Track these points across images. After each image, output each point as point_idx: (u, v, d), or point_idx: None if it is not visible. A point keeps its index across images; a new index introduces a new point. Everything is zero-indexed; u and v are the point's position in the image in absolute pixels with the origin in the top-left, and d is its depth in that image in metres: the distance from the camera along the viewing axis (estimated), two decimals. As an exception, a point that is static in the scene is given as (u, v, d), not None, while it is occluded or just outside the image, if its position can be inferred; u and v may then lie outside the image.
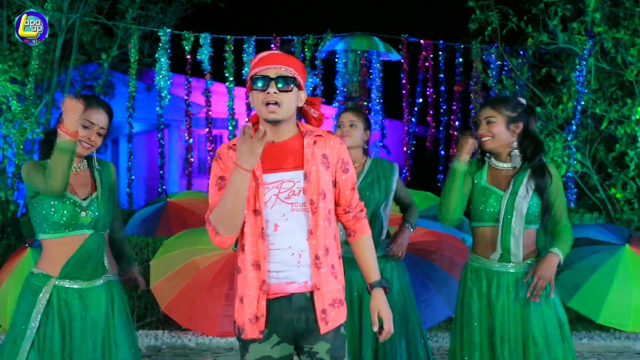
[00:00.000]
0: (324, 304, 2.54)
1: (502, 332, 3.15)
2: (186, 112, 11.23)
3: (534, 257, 3.25)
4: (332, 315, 2.56)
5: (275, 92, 2.51)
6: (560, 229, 3.29)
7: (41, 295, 3.00)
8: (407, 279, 4.04)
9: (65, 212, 3.00)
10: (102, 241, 3.08)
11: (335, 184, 2.65)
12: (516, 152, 3.25)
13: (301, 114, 2.72)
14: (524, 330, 3.14)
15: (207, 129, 11.49)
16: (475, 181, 3.28)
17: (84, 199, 3.06)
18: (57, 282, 3.02)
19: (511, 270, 3.20)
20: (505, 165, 3.28)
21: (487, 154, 3.34)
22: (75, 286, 3.03)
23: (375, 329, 2.62)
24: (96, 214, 3.05)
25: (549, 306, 3.19)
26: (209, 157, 11.63)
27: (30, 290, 3.04)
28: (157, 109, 10.90)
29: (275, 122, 2.55)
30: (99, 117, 3.09)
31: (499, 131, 3.23)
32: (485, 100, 3.50)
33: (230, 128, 11.18)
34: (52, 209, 3.00)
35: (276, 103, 2.51)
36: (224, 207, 2.45)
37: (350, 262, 3.86)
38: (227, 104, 11.13)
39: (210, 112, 11.37)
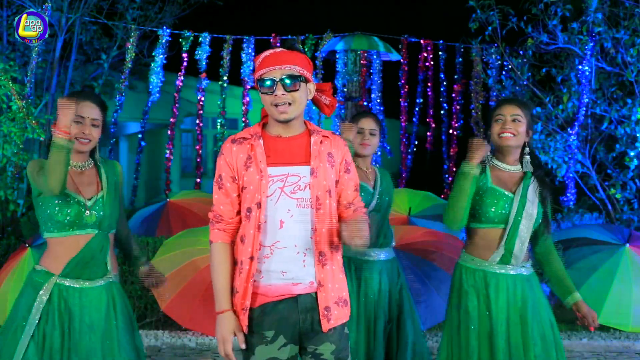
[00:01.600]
0: (327, 302, 2.53)
1: (504, 334, 3.13)
2: (174, 109, 11.32)
3: (527, 260, 3.26)
4: (336, 313, 2.55)
5: (283, 94, 2.51)
6: (550, 248, 3.32)
7: (42, 292, 3.01)
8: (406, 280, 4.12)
9: (69, 212, 3.00)
10: (106, 241, 3.07)
11: (337, 183, 2.65)
12: (527, 157, 3.26)
13: (314, 102, 2.72)
14: (523, 332, 3.13)
15: (197, 129, 11.53)
16: (481, 183, 3.24)
17: (89, 199, 3.05)
18: (58, 280, 3.02)
19: (510, 272, 3.19)
20: (510, 167, 3.26)
21: (490, 155, 3.31)
22: (76, 285, 3.02)
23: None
24: (101, 213, 3.04)
25: (543, 309, 3.21)
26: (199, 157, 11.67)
27: (31, 286, 3.04)
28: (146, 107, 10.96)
29: (285, 122, 2.56)
30: (89, 110, 3.08)
31: (522, 131, 3.22)
32: (505, 99, 3.44)
33: (218, 126, 11.21)
34: (57, 208, 3.00)
35: (285, 104, 2.52)
36: (212, 278, 2.63)
37: (367, 264, 3.91)
38: (218, 103, 11.16)
39: (202, 112, 11.40)
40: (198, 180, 11.46)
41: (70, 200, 3.02)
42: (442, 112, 11.68)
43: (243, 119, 11.39)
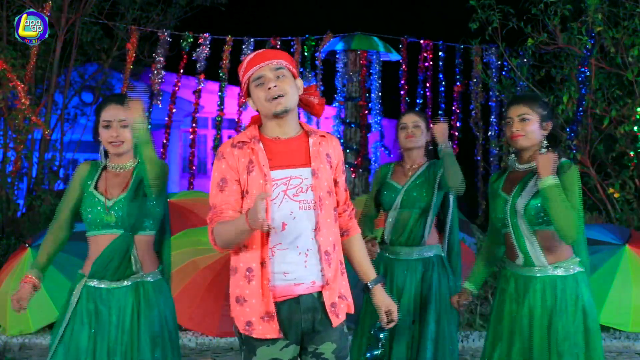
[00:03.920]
0: (333, 298, 2.54)
1: (525, 336, 3.08)
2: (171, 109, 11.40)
3: (565, 260, 3.11)
4: (342, 307, 2.58)
5: (275, 86, 2.55)
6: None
7: (74, 293, 3.07)
8: (447, 282, 3.96)
9: (91, 211, 3.06)
10: (130, 242, 3.06)
11: (335, 183, 2.67)
12: (544, 151, 3.11)
13: (303, 102, 2.72)
14: (549, 336, 3.05)
15: (191, 128, 11.54)
16: (496, 186, 3.20)
17: (110, 199, 3.07)
18: (87, 281, 3.07)
19: (537, 275, 3.09)
20: (525, 166, 3.17)
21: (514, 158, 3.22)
22: (102, 286, 3.05)
23: (384, 323, 2.69)
24: (120, 214, 3.05)
25: (576, 312, 3.07)
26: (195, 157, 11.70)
27: (69, 290, 3.11)
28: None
29: (282, 115, 2.57)
30: (114, 112, 3.10)
31: (533, 129, 3.11)
32: (513, 98, 3.37)
33: (215, 127, 11.25)
34: (85, 207, 3.08)
35: (279, 96, 2.54)
36: (227, 237, 2.48)
37: (394, 262, 3.87)
38: (218, 104, 11.18)
39: (201, 112, 11.44)
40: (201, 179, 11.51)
41: (94, 200, 3.07)
42: (440, 112, 11.69)
43: (242, 119, 11.41)
